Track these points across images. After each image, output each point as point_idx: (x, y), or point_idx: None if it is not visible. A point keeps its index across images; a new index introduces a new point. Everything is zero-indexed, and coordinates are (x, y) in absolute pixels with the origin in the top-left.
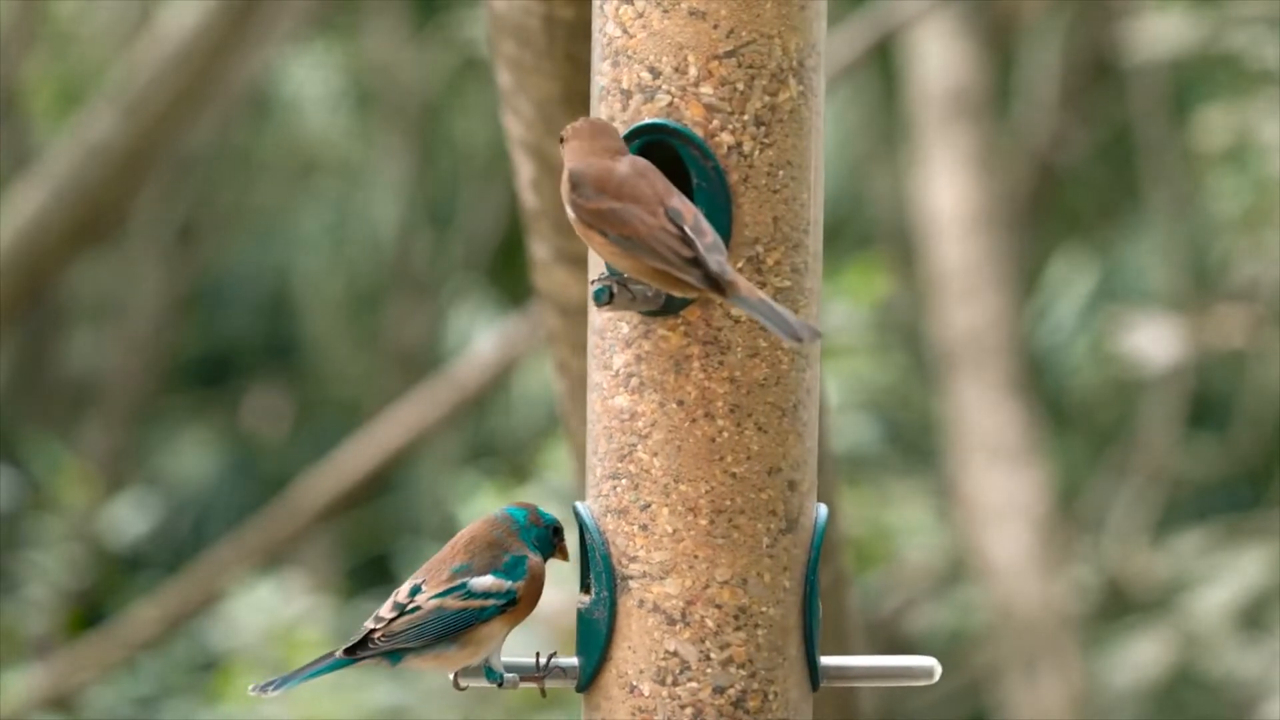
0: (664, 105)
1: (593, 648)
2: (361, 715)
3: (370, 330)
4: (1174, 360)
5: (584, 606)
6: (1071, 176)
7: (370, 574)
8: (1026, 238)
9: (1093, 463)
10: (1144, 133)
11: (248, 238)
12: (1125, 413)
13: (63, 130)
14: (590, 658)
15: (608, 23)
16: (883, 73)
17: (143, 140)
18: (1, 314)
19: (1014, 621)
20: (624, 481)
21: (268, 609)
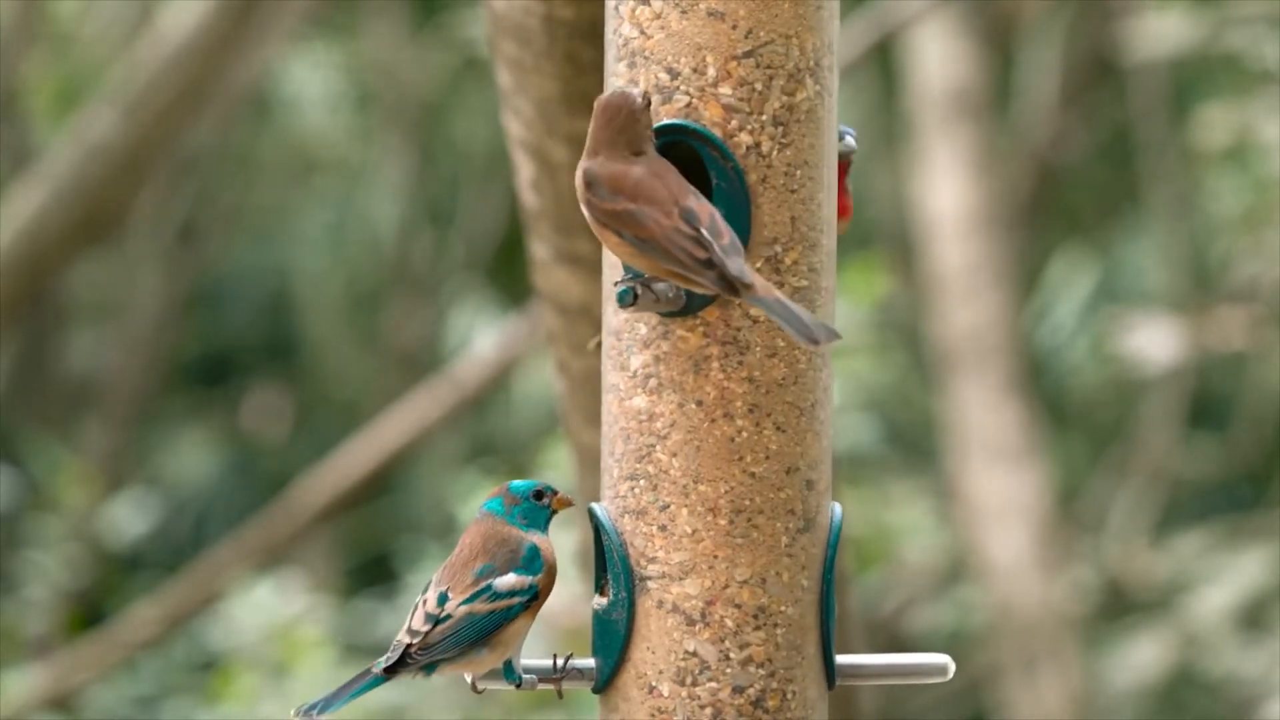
0: (682, 106)
1: (611, 649)
2: (362, 715)
3: (370, 330)
4: (1174, 360)
5: (601, 608)
6: (1071, 176)
7: (370, 574)
8: (1026, 238)
9: (1093, 463)
10: (1144, 132)
11: (248, 238)
12: (1125, 413)
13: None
14: (608, 659)
15: (623, 24)
16: (883, 73)
17: (143, 140)
18: (1, 314)
19: (1014, 621)
20: (642, 482)
21: (267, 609)
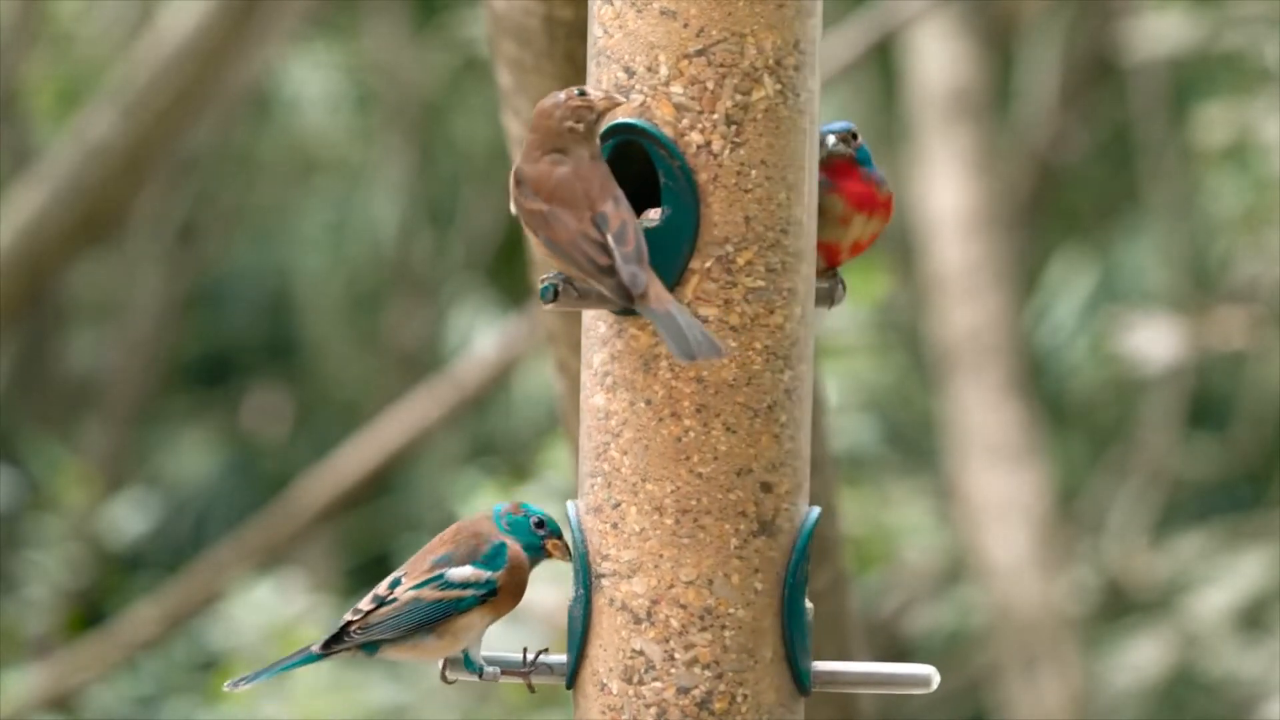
0: (637, 105)
1: (573, 645)
2: (361, 715)
3: (370, 330)
4: (1174, 360)
5: (570, 603)
6: (1071, 176)
7: (370, 574)
8: (1026, 238)
9: (1093, 463)
10: (1144, 132)
11: (248, 238)
12: (1125, 413)
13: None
14: (571, 655)
15: (594, 24)
16: (883, 73)
17: (143, 140)
18: (1, 314)
19: (1014, 621)
20: (599, 480)
21: (267, 609)
